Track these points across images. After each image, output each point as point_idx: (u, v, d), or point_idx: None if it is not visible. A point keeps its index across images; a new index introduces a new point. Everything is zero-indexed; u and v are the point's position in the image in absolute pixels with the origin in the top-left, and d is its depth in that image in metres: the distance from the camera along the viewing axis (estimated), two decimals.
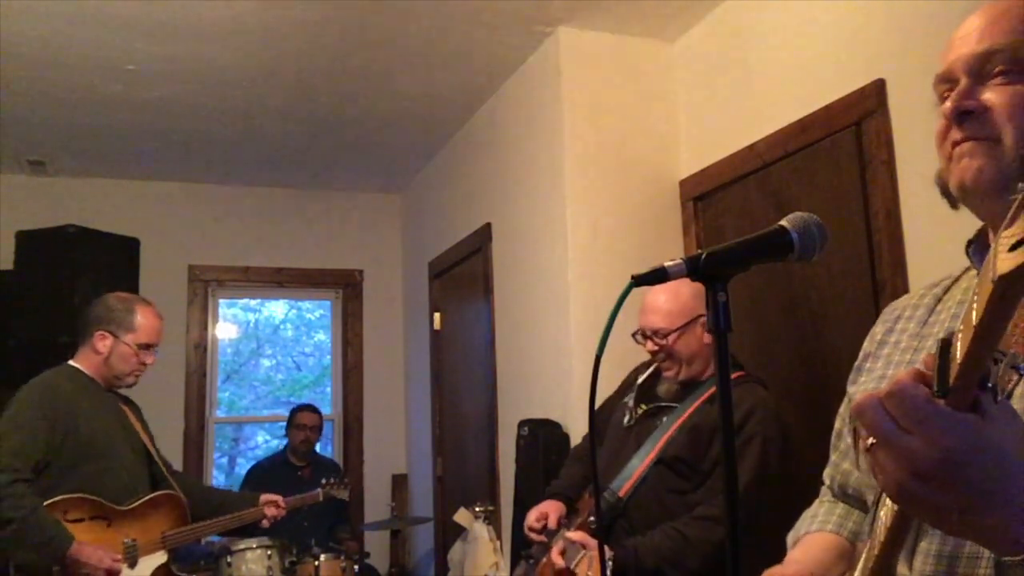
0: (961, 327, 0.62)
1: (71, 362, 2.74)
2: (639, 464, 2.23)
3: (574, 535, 2.21)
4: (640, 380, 2.44)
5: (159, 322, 2.84)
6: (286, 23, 3.17)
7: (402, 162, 4.92)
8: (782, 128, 2.73)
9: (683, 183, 3.28)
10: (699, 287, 2.53)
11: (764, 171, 2.85)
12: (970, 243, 1.00)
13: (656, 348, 2.30)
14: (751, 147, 2.88)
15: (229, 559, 3.36)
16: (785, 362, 2.75)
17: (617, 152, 3.26)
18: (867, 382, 1.09)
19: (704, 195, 3.18)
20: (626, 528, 2.21)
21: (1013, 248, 0.55)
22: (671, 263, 1.00)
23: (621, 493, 2.22)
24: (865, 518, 1.14)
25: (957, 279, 1.07)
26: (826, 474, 1.23)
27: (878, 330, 1.14)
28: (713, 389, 2.12)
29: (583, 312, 3.08)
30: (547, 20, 3.21)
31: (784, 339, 2.76)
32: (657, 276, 1.00)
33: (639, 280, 1.00)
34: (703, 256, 1.00)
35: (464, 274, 4.38)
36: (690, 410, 2.24)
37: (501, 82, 3.77)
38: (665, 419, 2.27)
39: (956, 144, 0.93)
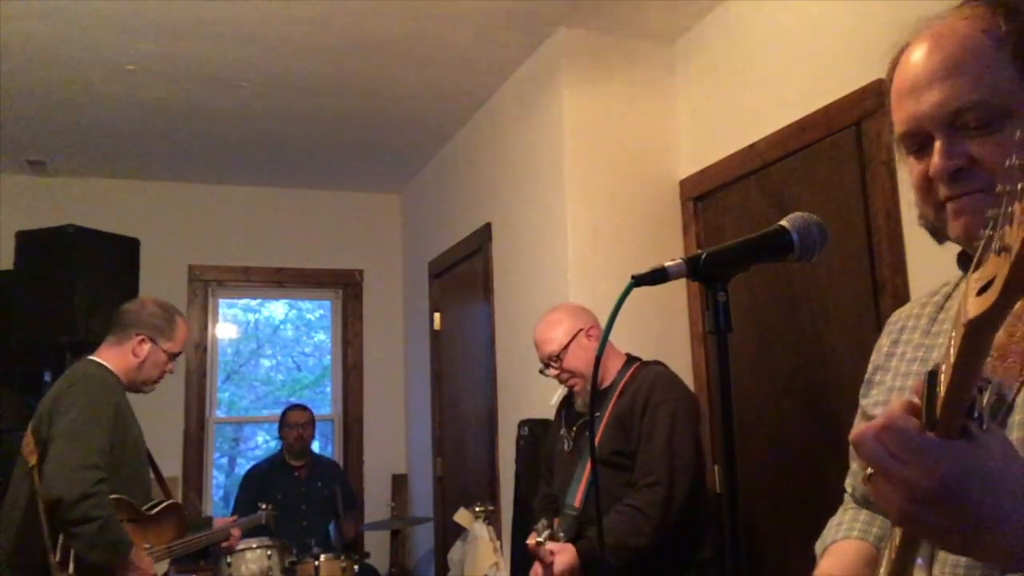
0: (943, 363, 0.66)
1: (97, 359, 2.68)
2: (583, 472, 2.43)
3: (550, 544, 2.35)
4: (553, 402, 2.74)
5: (189, 334, 2.89)
6: (286, 23, 3.17)
7: (402, 162, 4.92)
8: (782, 128, 2.73)
9: (683, 183, 3.28)
10: (572, 307, 2.78)
11: (764, 171, 2.85)
12: (960, 256, 1.02)
13: (557, 372, 2.53)
14: (751, 147, 2.88)
15: (229, 559, 3.36)
16: (785, 362, 2.75)
17: (617, 152, 3.26)
18: (878, 395, 1.11)
19: (704, 195, 3.18)
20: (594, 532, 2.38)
21: (980, 292, 0.59)
22: (671, 263, 1.00)
23: (576, 504, 2.41)
24: (885, 523, 1.15)
25: (957, 285, 1.07)
26: (847, 483, 1.25)
27: (884, 342, 1.15)
28: (621, 386, 2.46)
29: None
30: (547, 20, 3.21)
31: (784, 339, 2.76)
32: (657, 276, 1.00)
33: (639, 280, 1.00)
34: (703, 256, 1.00)
35: (464, 274, 4.38)
36: (609, 410, 2.43)
37: (501, 82, 3.77)
38: (592, 428, 2.50)
39: (949, 199, 0.92)
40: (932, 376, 0.67)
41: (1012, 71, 0.89)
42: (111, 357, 2.69)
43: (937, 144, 0.92)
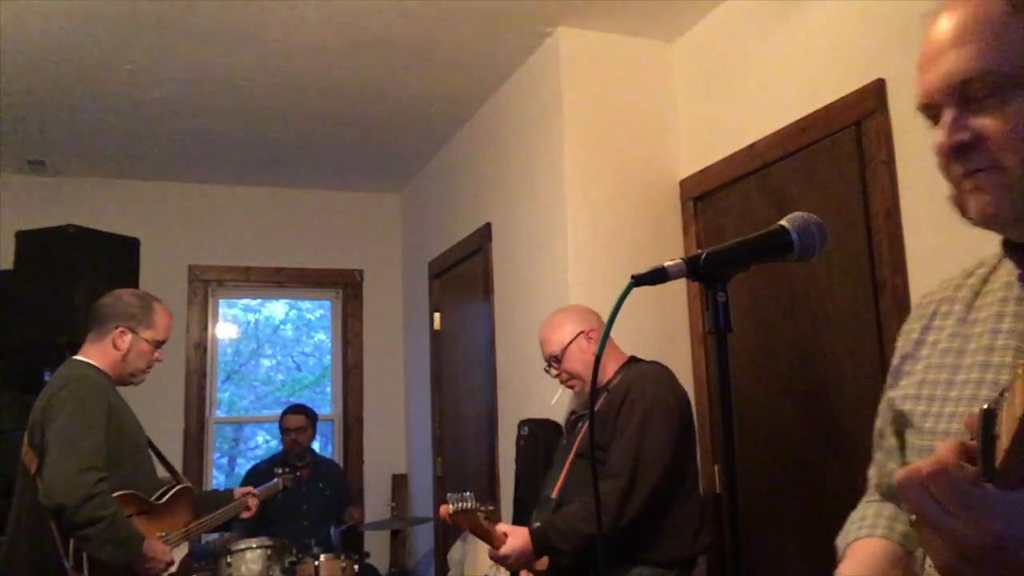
0: (1005, 403, 0.60)
1: (82, 358, 2.68)
2: (563, 465, 2.48)
3: (500, 526, 2.37)
4: (553, 402, 2.80)
5: (171, 319, 2.85)
6: (286, 23, 3.17)
7: (402, 162, 4.92)
8: (782, 128, 2.73)
9: (683, 183, 3.28)
10: (578, 309, 2.81)
11: (764, 171, 2.85)
12: (1005, 242, 0.96)
13: (558, 373, 2.59)
14: (751, 147, 2.88)
15: (229, 559, 3.36)
16: (785, 362, 2.75)
17: (617, 152, 3.25)
18: (908, 386, 1.04)
19: (704, 195, 3.18)
20: None
21: None
22: (671, 263, 1.00)
23: (554, 495, 2.45)
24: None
25: (994, 268, 1.01)
26: (871, 473, 1.18)
27: (914, 327, 1.07)
28: (614, 384, 2.48)
29: None
30: (547, 20, 3.21)
31: (784, 339, 2.76)
32: (657, 276, 1.00)
33: (639, 280, 1.00)
34: (703, 256, 0.99)
35: (464, 274, 4.38)
36: (596, 407, 2.47)
37: (501, 82, 3.76)
38: (580, 424, 2.55)
39: (960, 177, 0.89)
40: (988, 416, 0.61)
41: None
42: (95, 354, 2.68)
43: (944, 117, 0.88)
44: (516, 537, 2.28)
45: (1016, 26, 0.84)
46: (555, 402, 2.81)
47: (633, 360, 2.59)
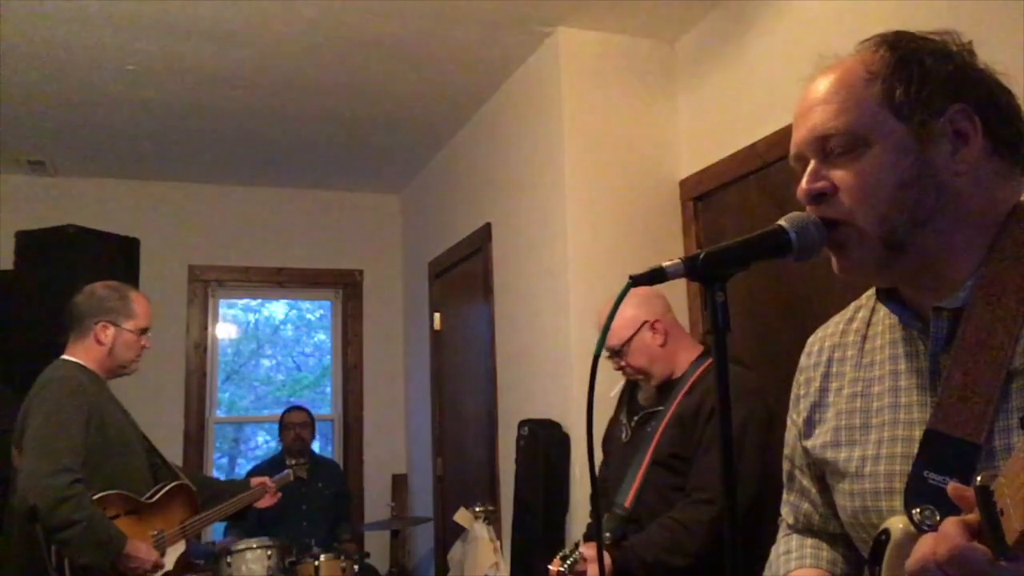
0: (1003, 479, 0.65)
1: (68, 357, 2.66)
2: (638, 471, 2.29)
3: (585, 549, 2.17)
4: (613, 394, 2.57)
5: (149, 304, 2.84)
6: (286, 22, 3.17)
7: (402, 162, 4.91)
8: (782, 128, 2.72)
9: (683, 183, 3.28)
10: (638, 297, 2.56)
11: (764, 171, 2.85)
12: (879, 290, 1.05)
13: (619, 367, 2.41)
14: (751, 147, 2.88)
15: (229, 559, 3.36)
16: (785, 362, 2.74)
17: (617, 152, 3.25)
18: (824, 434, 1.10)
19: (704, 195, 3.18)
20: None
21: None
22: (669, 263, 1.00)
23: (627, 504, 2.28)
24: (832, 548, 1.17)
25: (873, 310, 1.10)
26: (786, 512, 1.25)
27: (813, 375, 1.15)
28: (691, 381, 2.29)
29: (583, 312, 3.07)
30: (547, 20, 3.21)
31: (784, 339, 2.75)
32: (655, 276, 1.00)
33: (637, 280, 1.00)
34: (701, 256, 0.99)
35: (464, 274, 4.38)
36: (673, 407, 2.30)
37: (501, 82, 3.76)
38: (654, 423, 2.34)
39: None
40: (985, 493, 0.66)
41: (877, 102, 0.96)
42: (80, 352, 2.67)
43: (808, 167, 0.99)
44: (598, 566, 2.01)
45: (870, 92, 0.96)
46: (615, 394, 2.59)
47: (709, 351, 2.36)
